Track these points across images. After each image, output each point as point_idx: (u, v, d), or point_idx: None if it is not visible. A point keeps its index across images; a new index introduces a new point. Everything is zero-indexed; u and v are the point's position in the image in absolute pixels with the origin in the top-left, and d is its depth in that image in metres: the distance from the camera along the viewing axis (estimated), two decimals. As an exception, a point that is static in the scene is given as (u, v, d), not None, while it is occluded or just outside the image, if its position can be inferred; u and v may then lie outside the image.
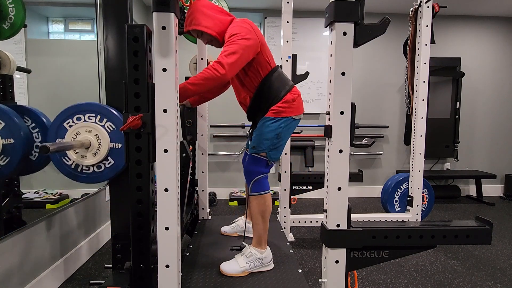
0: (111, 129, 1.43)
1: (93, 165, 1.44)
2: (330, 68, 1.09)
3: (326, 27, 1.12)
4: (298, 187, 2.67)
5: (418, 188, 2.59)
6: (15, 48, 2.47)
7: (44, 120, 1.76)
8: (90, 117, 1.43)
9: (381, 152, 4.20)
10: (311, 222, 2.67)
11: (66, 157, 1.45)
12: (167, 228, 1.11)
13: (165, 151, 1.09)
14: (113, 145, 1.43)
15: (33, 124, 1.75)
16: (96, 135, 1.41)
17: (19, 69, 2.21)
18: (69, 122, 1.43)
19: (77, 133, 1.41)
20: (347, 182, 1.11)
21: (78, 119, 1.43)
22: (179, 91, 1.35)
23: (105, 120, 1.43)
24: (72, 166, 1.44)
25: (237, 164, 4.06)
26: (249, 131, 1.79)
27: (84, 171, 1.45)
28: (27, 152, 1.62)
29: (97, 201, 2.46)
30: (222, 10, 1.59)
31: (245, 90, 1.65)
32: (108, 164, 1.44)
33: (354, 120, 1.11)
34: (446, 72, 3.99)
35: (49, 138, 1.44)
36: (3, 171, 1.50)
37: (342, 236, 1.12)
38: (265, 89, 1.58)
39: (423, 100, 2.54)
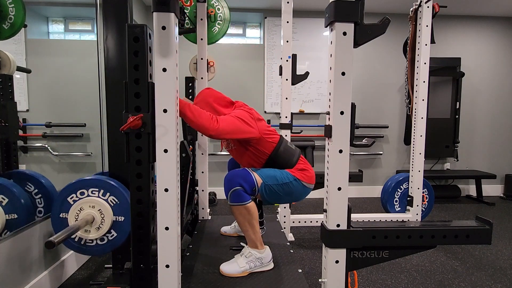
0: (114, 203, 1.45)
1: (96, 239, 1.47)
2: (330, 68, 1.09)
3: (326, 27, 1.12)
4: (298, 187, 2.67)
5: (418, 188, 2.59)
6: (15, 48, 2.47)
7: (44, 182, 1.86)
8: (94, 192, 1.45)
9: (381, 152, 4.20)
10: (311, 222, 2.67)
11: None
12: (167, 228, 1.11)
13: (165, 151, 1.09)
14: (116, 218, 1.45)
15: (36, 190, 1.85)
16: (99, 210, 1.43)
17: (19, 69, 2.21)
18: (72, 197, 1.45)
19: (80, 209, 1.43)
20: (347, 182, 1.11)
21: (82, 193, 1.45)
22: (180, 106, 1.35)
23: (108, 194, 1.45)
24: (76, 240, 1.47)
25: (237, 164, 4.06)
26: None
27: (87, 244, 1.48)
28: (30, 221, 1.68)
29: (97, 201, 2.46)
30: (221, 99, 1.68)
31: (248, 160, 1.68)
32: (111, 236, 1.47)
33: (354, 120, 1.11)
34: (446, 72, 3.99)
35: (53, 213, 1.47)
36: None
37: (342, 236, 1.12)
38: (275, 163, 1.64)
39: (423, 100, 2.54)
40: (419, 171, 2.58)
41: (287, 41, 2.35)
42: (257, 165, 1.67)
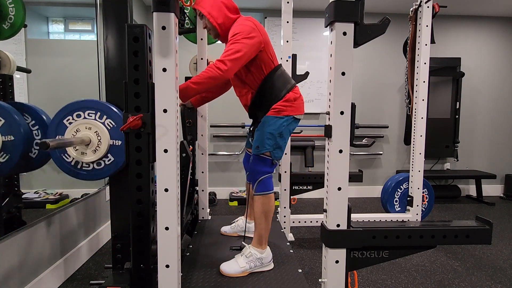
0: (111, 126, 1.43)
1: (92, 162, 1.44)
2: (330, 68, 1.09)
3: (326, 27, 1.12)
4: (298, 187, 2.67)
5: (418, 188, 2.59)
6: (15, 48, 2.47)
7: (44, 117, 1.75)
8: (90, 114, 1.42)
9: (381, 152, 4.20)
10: (311, 222, 2.67)
11: (66, 154, 1.45)
12: (167, 228, 1.11)
13: (165, 151, 1.09)
14: (113, 142, 1.43)
15: (33, 122, 1.74)
16: (96, 132, 1.41)
17: (19, 69, 2.21)
18: (68, 119, 1.43)
19: (77, 130, 1.41)
20: (347, 182, 1.11)
21: (78, 116, 1.42)
22: (182, 91, 1.35)
23: (105, 117, 1.43)
24: (72, 163, 1.44)
25: (237, 164, 4.06)
26: (249, 129, 1.79)
27: (84, 168, 1.45)
28: (27, 149, 1.62)
29: (97, 201, 2.46)
30: (231, 5, 1.61)
31: (246, 87, 1.66)
32: (108, 161, 1.44)
33: (354, 120, 1.11)
34: (446, 72, 3.99)
35: (49, 135, 1.44)
36: (3, 168, 1.50)
37: (342, 236, 1.12)
38: (267, 87, 1.60)
39: (423, 100, 2.54)
40: (419, 171, 2.58)
41: (287, 41, 2.35)
42: (252, 90, 1.63)
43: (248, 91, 1.66)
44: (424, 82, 2.53)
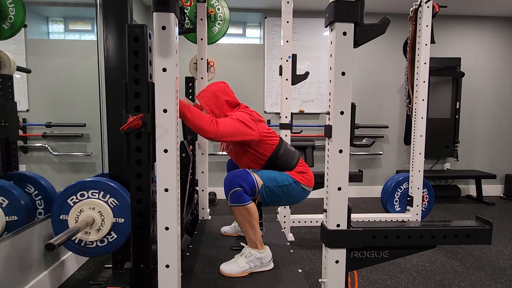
0: (114, 204, 1.45)
1: (96, 241, 1.46)
2: (330, 68, 1.09)
3: (326, 27, 1.12)
4: (298, 187, 2.67)
5: (418, 188, 2.59)
6: (15, 48, 2.47)
7: (44, 184, 1.85)
8: (94, 194, 1.45)
9: (381, 152, 4.20)
10: (311, 222, 2.67)
11: None
12: (167, 228, 1.11)
13: (165, 151, 1.09)
14: (116, 219, 1.45)
15: (36, 192, 1.85)
16: (99, 212, 1.43)
17: (19, 69, 2.21)
18: (72, 199, 1.45)
19: (80, 210, 1.43)
20: (347, 182, 1.11)
21: (82, 195, 1.45)
22: (179, 107, 1.35)
23: (108, 196, 1.45)
24: (76, 242, 1.47)
25: (237, 164, 4.06)
26: None
27: (88, 246, 1.47)
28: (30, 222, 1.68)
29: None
30: (231, 101, 1.68)
31: (248, 162, 1.67)
32: (111, 238, 1.47)
33: (354, 120, 1.11)
34: (446, 72, 3.99)
35: (53, 215, 1.46)
36: None
37: (342, 236, 1.11)
38: (275, 165, 1.63)
39: (423, 100, 2.53)
40: (419, 171, 2.58)
41: (287, 41, 2.35)
42: (256, 167, 1.66)
43: (251, 167, 1.68)
44: (424, 82, 2.53)
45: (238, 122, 1.50)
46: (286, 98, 2.39)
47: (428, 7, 2.46)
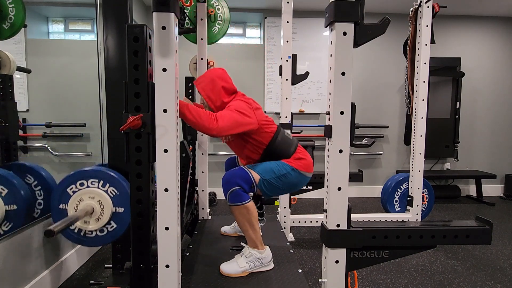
0: (114, 193, 1.44)
1: (95, 230, 1.45)
2: (330, 68, 1.09)
3: (326, 27, 1.12)
4: (298, 187, 2.67)
5: (418, 188, 2.59)
6: (15, 48, 2.47)
7: (44, 174, 1.84)
8: (93, 183, 1.44)
9: (381, 152, 4.20)
10: (311, 222, 2.67)
11: None
12: (167, 228, 1.11)
13: (165, 151, 1.09)
14: (116, 209, 1.44)
15: (36, 182, 1.83)
16: (99, 201, 1.42)
17: (19, 69, 2.21)
18: (72, 188, 1.44)
19: (80, 200, 1.42)
20: (347, 182, 1.11)
21: (81, 184, 1.44)
22: (179, 106, 1.35)
23: (108, 185, 1.44)
24: (76, 231, 1.46)
25: (237, 164, 4.06)
26: None
27: (87, 235, 1.46)
28: (30, 213, 1.68)
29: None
30: (228, 87, 1.66)
31: (246, 152, 1.67)
32: (111, 228, 1.46)
33: (354, 120, 1.11)
34: (446, 72, 3.99)
35: (52, 204, 1.45)
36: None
37: (342, 236, 1.11)
38: (272, 153, 1.63)
39: (423, 100, 2.53)
40: (419, 171, 2.58)
41: (287, 41, 2.35)
42: (254, 156, 1.66)
43: (250, 156, 1.68)
44: (424, 82, 2.53)
45: (236, 113, 1.48)
46: (286, 98, 2.39)
47: (428, 7, 2.46)
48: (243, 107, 1.53)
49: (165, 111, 1.08)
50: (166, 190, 1.10)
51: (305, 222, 2.66)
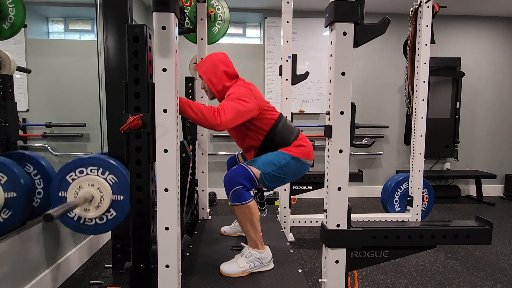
0: (113, 181, 1.43)
1: (95, 218, 1.44)
2: (330, 68, 1.09)
3: (326, 27, 1.12)
4: (298, 187, 2.67)
5: (418, 188, 2.59)
6: (15, 48, 2.47)
7: (44, 164, 1.81)
8: (93, 170, 1.43)
9: (381, 152, 4.20)
10: (311, 222, 2.67)
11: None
12: (167, 228, 1.11)
13: (165, 151, 1.09)
14: (115, 197, 1.43)
15: (35, 171, 1.80)
16: (98, 188, 1.41)
17: (19, 69, 2.21)
18: (71, 175, 1.43)
19: (79, 187, 1.41)
20: (347, 182, 1.11)
21: (81, 172, 1.43)
22: (180, 104, 1.35)
23: (107, 173, 1.43)
24: (75, 219, 1.45)
25: (237, 164, 4.06)
26: None
27: (86, 223, 1.45)
28: (29, 201, 1.66)
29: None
30: (230, 72, 1.66)
31: (248, 140, 1.67)
32: (110, 216, 1.44)
33: (354, 120, 1.11)
34: (446, 72, 3.99)
35: (52, 191, 1.45)
36: (5, 224, 1.54)
37: (342, 236, 1.12)
38: (272, 140, 1.62)
39: (423, 100, 2.53)
40: (419, 171, 2.58)
41: (287, 41, 2.35)
42: (255, 143, 1.65)
43: (251, 145, 1.67)
44: (424, 82, 2.53)
45: (236, 103, 1.47)
46: (286, 98, 2.39)
47: (428, 7, 2.46)
48: (243, 93, 1.52)
49: (165, 111, 1.08)
50: (166, 190, 1.10)
51: (305, 222, 2.66)
